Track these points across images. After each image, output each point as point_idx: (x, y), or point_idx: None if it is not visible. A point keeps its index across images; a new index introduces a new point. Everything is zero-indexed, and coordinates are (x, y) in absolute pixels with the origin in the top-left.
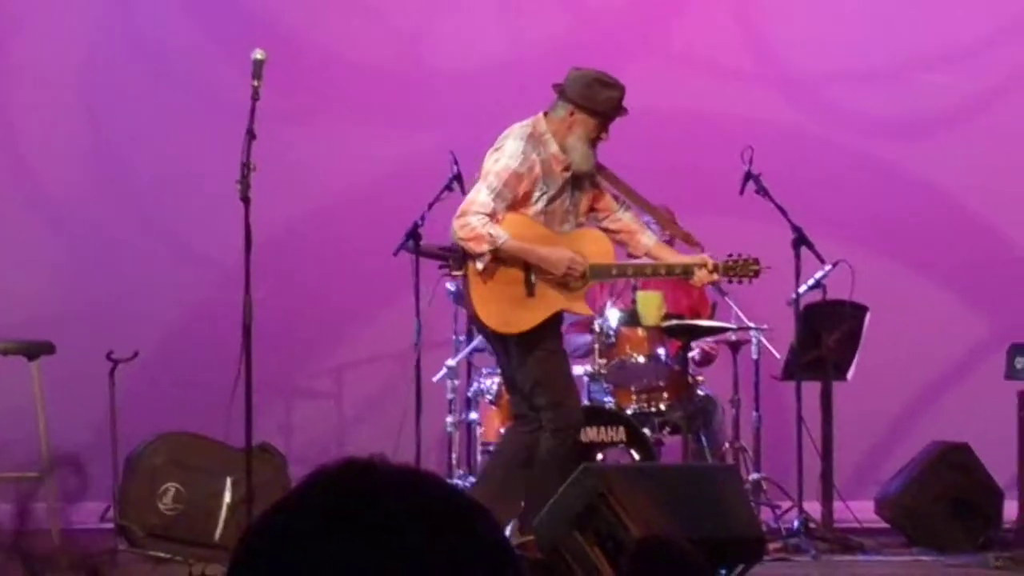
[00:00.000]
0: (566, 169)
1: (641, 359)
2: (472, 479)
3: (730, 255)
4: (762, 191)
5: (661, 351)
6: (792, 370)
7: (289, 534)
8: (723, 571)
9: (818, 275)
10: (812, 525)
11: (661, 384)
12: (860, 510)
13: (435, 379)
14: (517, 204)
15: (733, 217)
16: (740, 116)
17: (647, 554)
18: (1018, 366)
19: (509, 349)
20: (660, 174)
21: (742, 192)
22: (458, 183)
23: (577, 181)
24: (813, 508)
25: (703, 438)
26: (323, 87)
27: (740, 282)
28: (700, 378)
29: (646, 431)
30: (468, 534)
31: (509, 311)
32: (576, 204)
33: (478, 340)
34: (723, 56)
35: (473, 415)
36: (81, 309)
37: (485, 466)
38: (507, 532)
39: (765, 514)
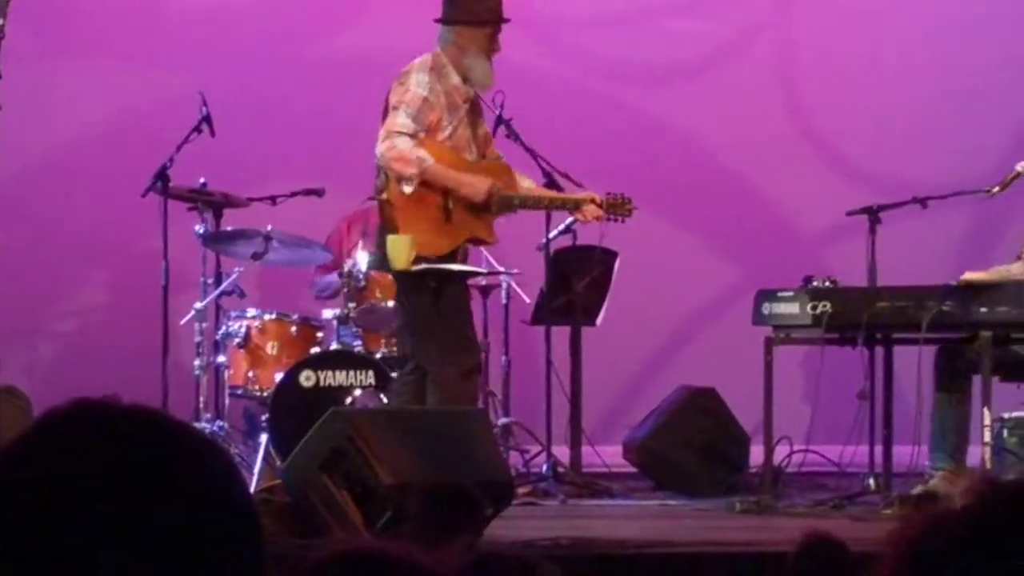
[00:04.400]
0: (465, 101)
1: (391, 303)
2: (220, 423)
3: (609, 193)
4: (513, 136)
5: None
6: (542, 315)
7: (19, 474)
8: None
9: (568, 220)
10: (561, 469)
11: None
12: (608, 455)
13: (182, 322)
14: (430, 132)
15: None
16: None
17: (436, 499)
18: (765, 312)
19: (419, 287)
20: None
21: (493, 136)
22: (207, 125)
23: (472, 115)
24: (562, 452)
25: None
26: (71, 24)
27: (618, 220)
28: None
29: (395, 375)
30: (199, 472)
31: (432, 235)
32: (475, 137)
33: (227, 283)
34: None
35: (221, 358)
36: None
37: None
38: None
39: (514, 458)
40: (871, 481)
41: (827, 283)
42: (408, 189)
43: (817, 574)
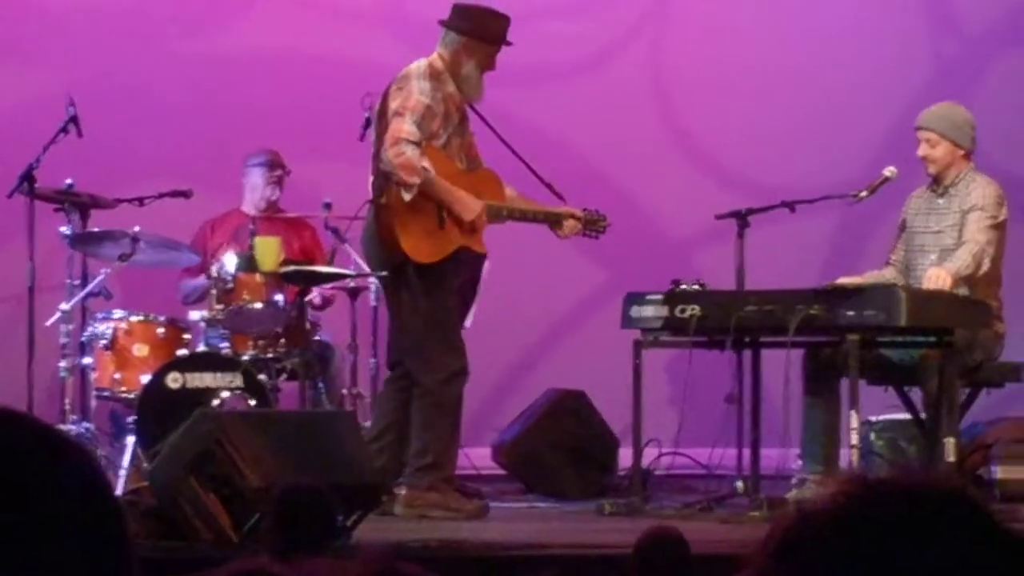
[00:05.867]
0: (459, 109)
1: (258, 305)
2: (86, 425)
3: (586, 209)
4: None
5: (279, 297)
6: None
7: None
8: (340, 518)
9: None
10: None
11: (279, 330)
12: (477, 457)
13: (48, 323)
14: (429, 139)
15: (352, 162)
16: (360, 60)
17: (286, 501)
18: (634, 315)
19: (408, 286)
20: (276, 117)
21: (362, 138)
22: (74, 125)
23: (462, 123)
24: None
25: (321, 384)
26: None
27: (595, 237)
28: (318, 324)
29: (263, 377)
30: (64, 475)
31: (424, 241)
32: (464, 145)
33: (93, 284)
34: None
35: (87, 360)
36: None
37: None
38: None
39: None
40: (739, 484)
41: (695, 286)
42: (407, 196)
43: (658, 569)
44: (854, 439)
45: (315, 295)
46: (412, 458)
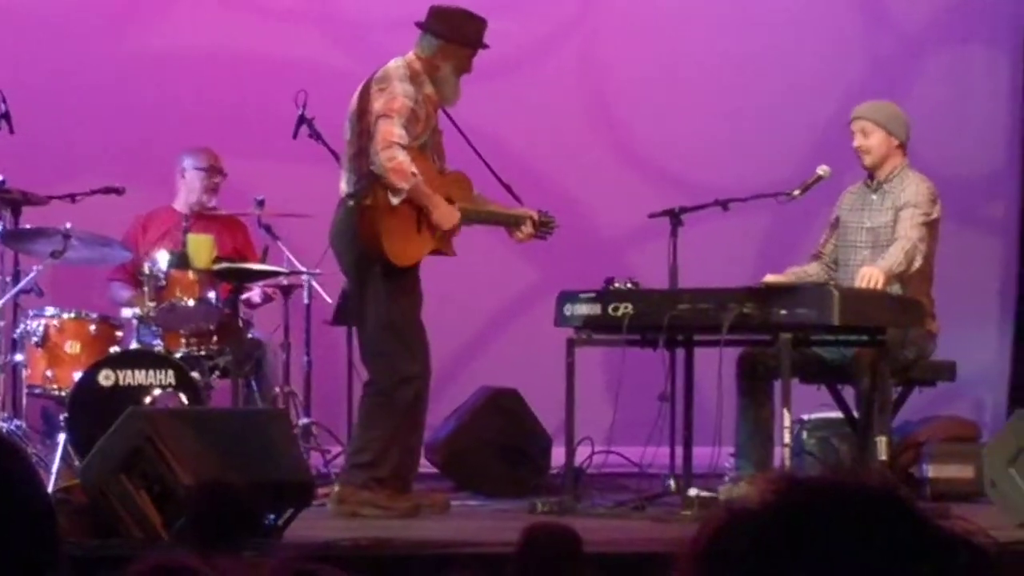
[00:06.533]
0: (435, 110)
1: (191, 302)
2: (17, 422)
3: (540, 211)
4: (316, 135)
5: (212, 294)
6: (343, 315)
7: None
8: (272, 516)
9: None
10: None
11: (211, 328)
12: None
13: None
14: (411, 141)
15: (285, 160)
16: (292, 59)
17: (203, 499)
18: (567, 313)
19: (375, 288)
20: (209, 115)
21: (295, 136)
22: (6, 121)
23: (435, 124)
24: None
25: (253, 382)
26: None
27: (543, 237)
28: (251, 322)
29: (195, 375)
30: None
31: (403, 244)
32: (438, 147)
33: (25, 281)
34: None
35: (19, 357)
36: None
37: None
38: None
39: (315, 459)
40: (671, 482)
41: (628, 285)
42: (395, 200)
43: (542, 567)
44: (786, 438)
45: (255, 293)
46: (350, 455)
